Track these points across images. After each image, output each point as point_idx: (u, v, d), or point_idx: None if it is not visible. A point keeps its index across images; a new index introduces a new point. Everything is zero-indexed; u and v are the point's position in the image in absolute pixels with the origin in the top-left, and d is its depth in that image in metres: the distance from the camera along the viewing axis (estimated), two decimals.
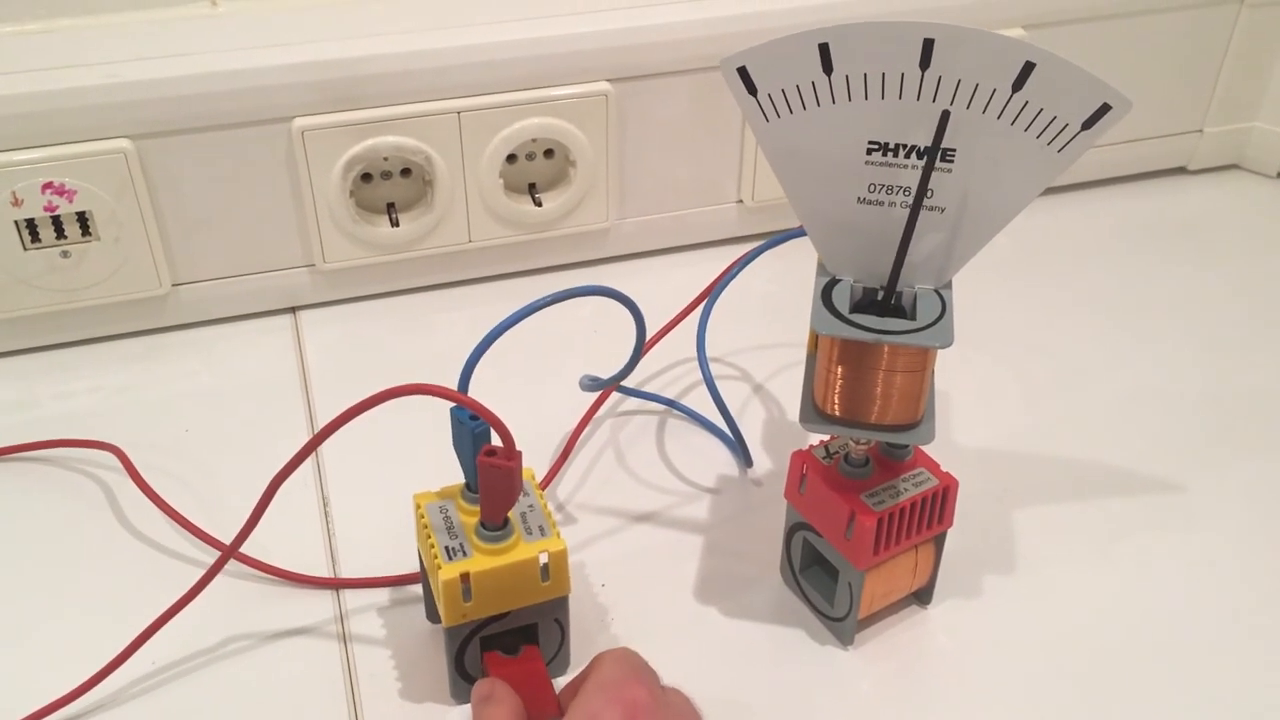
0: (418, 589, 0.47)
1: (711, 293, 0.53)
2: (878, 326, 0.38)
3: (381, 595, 0.47)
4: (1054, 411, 0.57)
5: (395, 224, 0.61)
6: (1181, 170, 0.77)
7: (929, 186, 0.38)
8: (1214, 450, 0.54)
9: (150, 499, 0.50)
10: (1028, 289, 0.65)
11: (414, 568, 0.47)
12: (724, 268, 0.53)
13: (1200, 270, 0.68)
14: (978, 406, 0.56)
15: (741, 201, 0.68)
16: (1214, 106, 0.74)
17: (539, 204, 0.63)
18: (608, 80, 0.61)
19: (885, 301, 0.40)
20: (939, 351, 0.39)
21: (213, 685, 0.43)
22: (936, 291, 0.40)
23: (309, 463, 0.53)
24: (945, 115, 0.36)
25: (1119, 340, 0.62)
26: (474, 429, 0.39)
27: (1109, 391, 0.58)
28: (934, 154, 0.37)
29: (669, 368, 0.59)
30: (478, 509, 0.40)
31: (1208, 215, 0.73)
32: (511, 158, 0.62)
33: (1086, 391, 0.58)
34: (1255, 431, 0.55)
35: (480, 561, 0.40)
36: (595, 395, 0.56)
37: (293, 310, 0.63)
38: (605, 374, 0.48)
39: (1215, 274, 0.67)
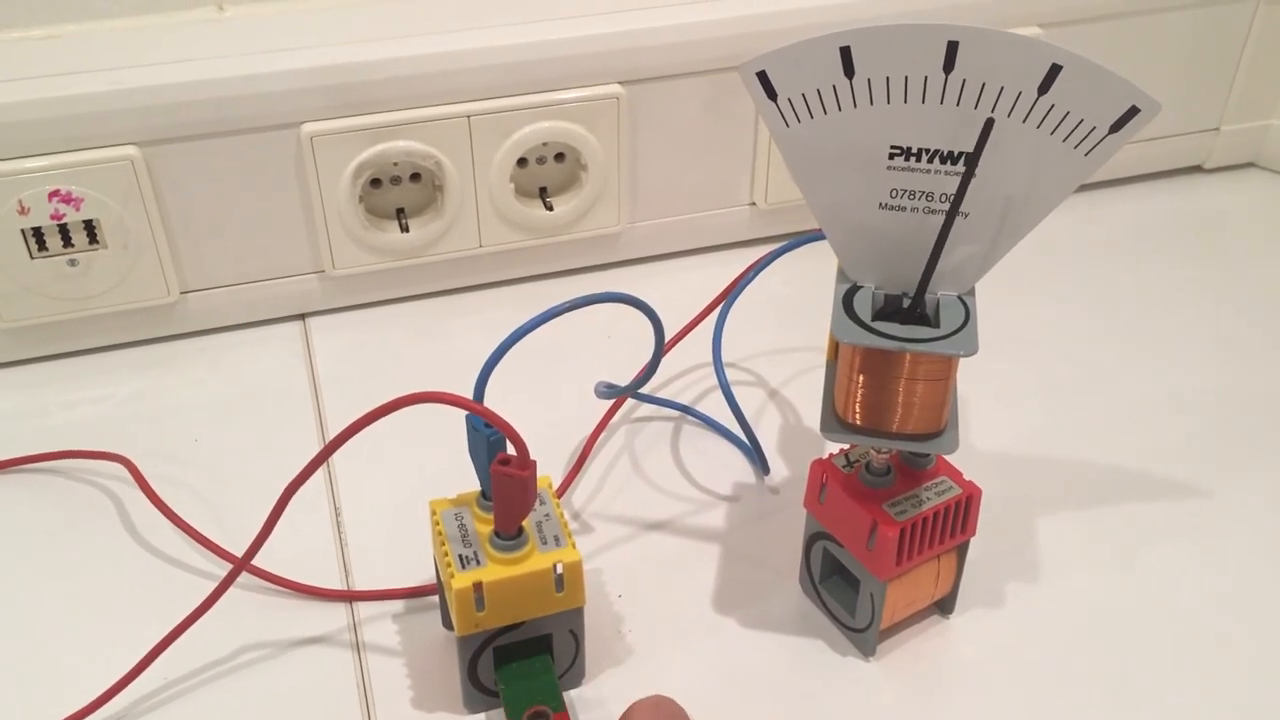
0: (432, 596, 0.47)
1: (728, 297, 0.53)
2: (901, 335, 0.37)
3: (396, 603, 0.46)
4: (1073, 415, 0.56)
5: (405, 229, 0.61)
6: (1198, 169, 0.76)
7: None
8: (1236, 453, 0.54)
9: (160, 510, 0.50)
10: (1043, 290, 0.65)
11: (428, 577, 0.47)
12: (737, 271, 0.52)
13: (1218, 270, 0.67)
14: (996, 411, 0.56)
15: (754, 204, 0.67)
16: (1231, 104, 0.73)
17: (550, 208, 0.62)
18: (619, 83, 0.60)
19: (908, 309, 0.39)
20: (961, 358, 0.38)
21: (226, 698, 0.43)
22: (959, 298, 0.39)
23: (321, 472, 0.52)
24: (989, 123, 0.35)
25: (1136, 342, 0.61)
26: (489, 436, 0.39)
27: (1127, 394, 0.57)
28: (975, 161, 0.36)
29: (684, 373, 0.58)
30: (493, 517, 0.40)
31: (1224, 214, 0.73)
32: (522, 161, 0.61)
33: (1105, 394, 0.57)
34: (1277, 434, 0.55)
35: (494, 571, 0.39)
36: (610, 402, 0.55)
37: (302, 317, 0.63)
38: (619, 379, 0.47)
39: (1233, 273, 0.66)
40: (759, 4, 0.61)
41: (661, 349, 0.42)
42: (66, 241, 0.56)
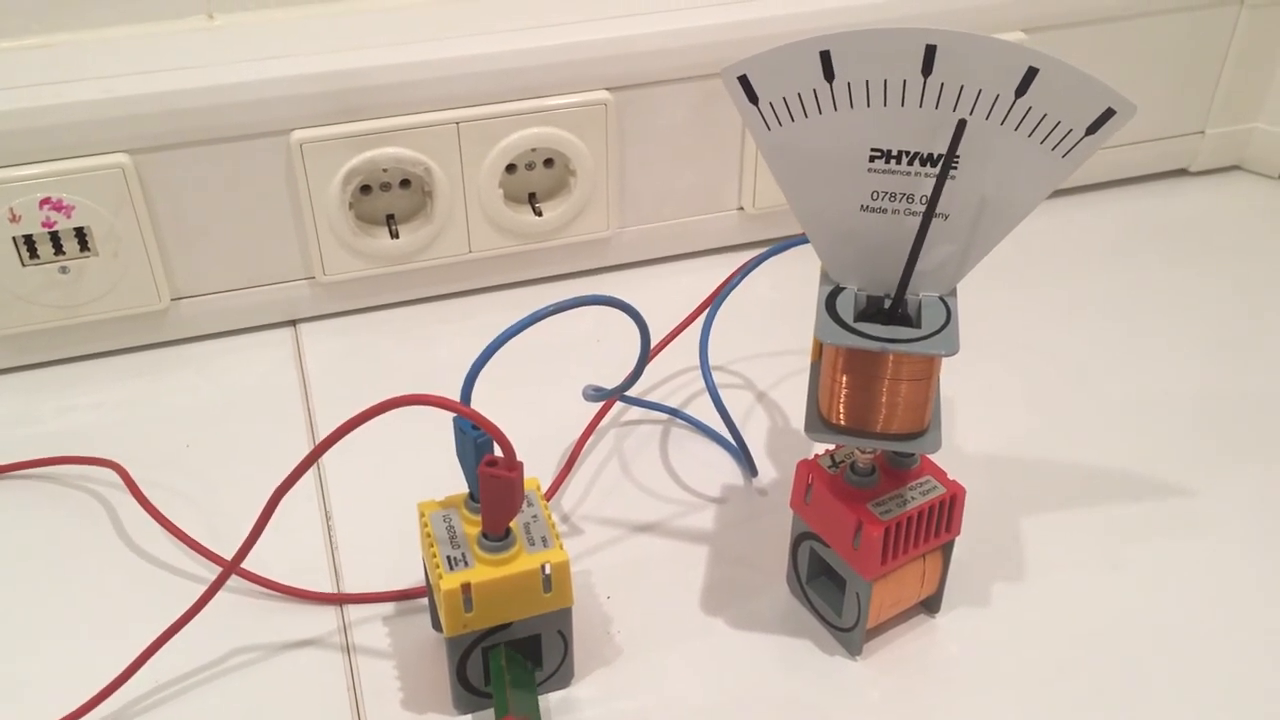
0: (421, 599, 0.47)
1: (714, 300, 0.53)
2: (883, 335, 0.38)
3: (385, 606, 0.47)
4: (1058, 415, 0.56)
5: (395, 235, 0.61)
6: (1183, 172, 0.77)
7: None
8: (1220, 453, 0.54)
9: (151, 515, 0.50)
10: (1029, 292, 0.65)
11: (417, 580, 0.47)
12: (725, 275, 0.52)
13: (1203, 272, 0.67)
14: (982, 411, 0.56)
15: (742, 208, 0.68)
16: (1215, 108, 0.74)
17: (539, 214, 0.63)
18: (607, 89, 0.61)
19: (890, 310, 0.39)
20: (944, 358, 0.39)
21: (216, 701, 0.43)
22: (941, 299, 0.39)
23: (311, 475, 0.53)
24: (962, 124, 0.36)
25: (1122, 343, 0.61)
26: (476, 439, 0.39)
27: (1113, 395, 0.58)
28: (948, 162, 0.36)
29: (672, 376, 0.59)
30: (481, 518, 0.40)
31: (1210, 217, 0.73)
32: (511, 167, 0.62)
33: (1090, 395, 0.58)
34: (1261, 434, 0.55)
35: (482, 572, 0.39)
36: (599, 405, 0.55)
37: (293, 323, 0.63)
38: (608, 383, 0.47)
39: (1218, 275, 0.67)
40: (745, 11, 0.62)
41: (647, 351, 0.43)
42: (58, 249, 0.56)
